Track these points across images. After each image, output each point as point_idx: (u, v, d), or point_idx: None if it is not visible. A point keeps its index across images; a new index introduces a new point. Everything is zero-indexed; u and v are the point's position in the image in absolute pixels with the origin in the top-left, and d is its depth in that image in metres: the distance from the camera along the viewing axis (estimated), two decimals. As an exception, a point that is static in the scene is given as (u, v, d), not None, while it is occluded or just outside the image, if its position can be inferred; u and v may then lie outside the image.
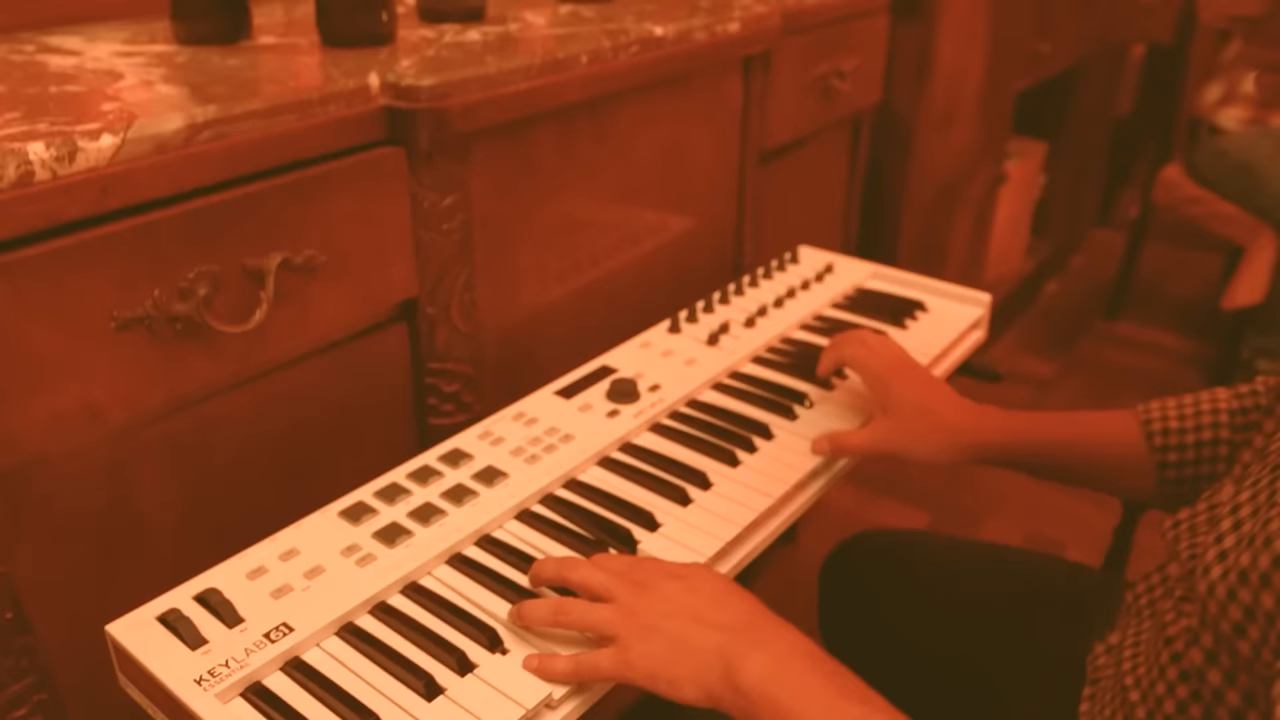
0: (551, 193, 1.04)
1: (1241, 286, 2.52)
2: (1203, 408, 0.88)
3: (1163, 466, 0.88)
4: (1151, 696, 0.67)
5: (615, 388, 0.96)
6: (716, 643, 0.64)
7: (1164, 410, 0.89)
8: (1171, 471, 0.88)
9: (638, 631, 0.65)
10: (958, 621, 0.99)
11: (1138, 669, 0.71)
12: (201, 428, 0.82)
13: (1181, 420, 0.88)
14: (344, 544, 0.76)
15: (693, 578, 0.69)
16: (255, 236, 0.78)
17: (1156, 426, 0.89)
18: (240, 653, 0.66)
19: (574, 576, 0.70)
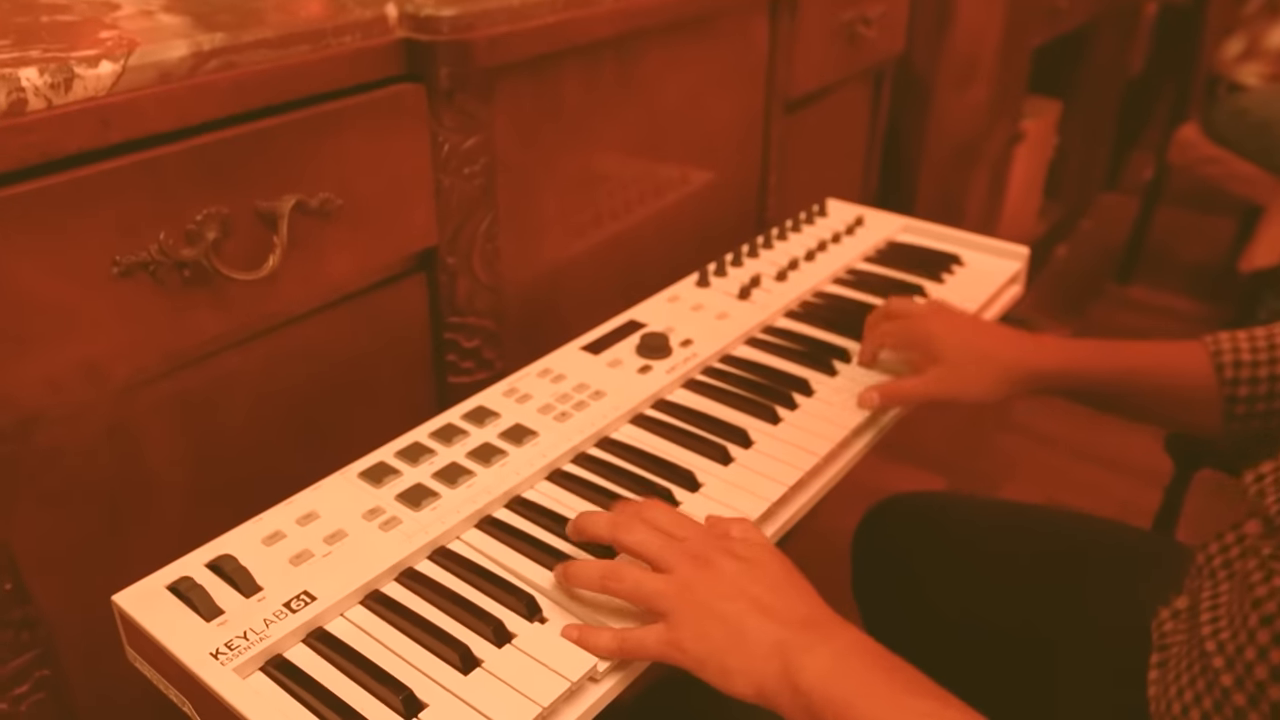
0: (575, 138, 0.98)
1: (1260, 248, 2.47)
2: (1276, 341, 0.83)
3: (1231, 401, 0.83)
4: (1239, 662, 0.62)
5: (646, 342, 0.91)
6: (776, 636, 0.59)
7: (1234, 342, 0.84)
8: (1241, 407, 0.83)
9: (693, 611, 0.60)
10: (1005, 586, 0.94)
11: (1220, 634, 0.66)
12: (211, 385, 0.76)
13: (1254, 353, 0.83)
14: (366, 507, 0.71)
15: (755, 560, 0.64)
16: (267, 177, 0.72)
17: (1227, 359, 0.84)
18: (259, 623, 0.61)
19: (629, 539, 0.64)
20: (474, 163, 0.86)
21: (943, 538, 1.01)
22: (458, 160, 0.84)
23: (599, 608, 0.64)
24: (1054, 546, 0.96)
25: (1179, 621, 0.75)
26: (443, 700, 0.58)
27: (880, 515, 1.09)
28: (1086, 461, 2.18)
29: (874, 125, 1.65)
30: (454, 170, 0.85)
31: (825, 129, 1.48)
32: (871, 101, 1.62)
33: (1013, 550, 0.96)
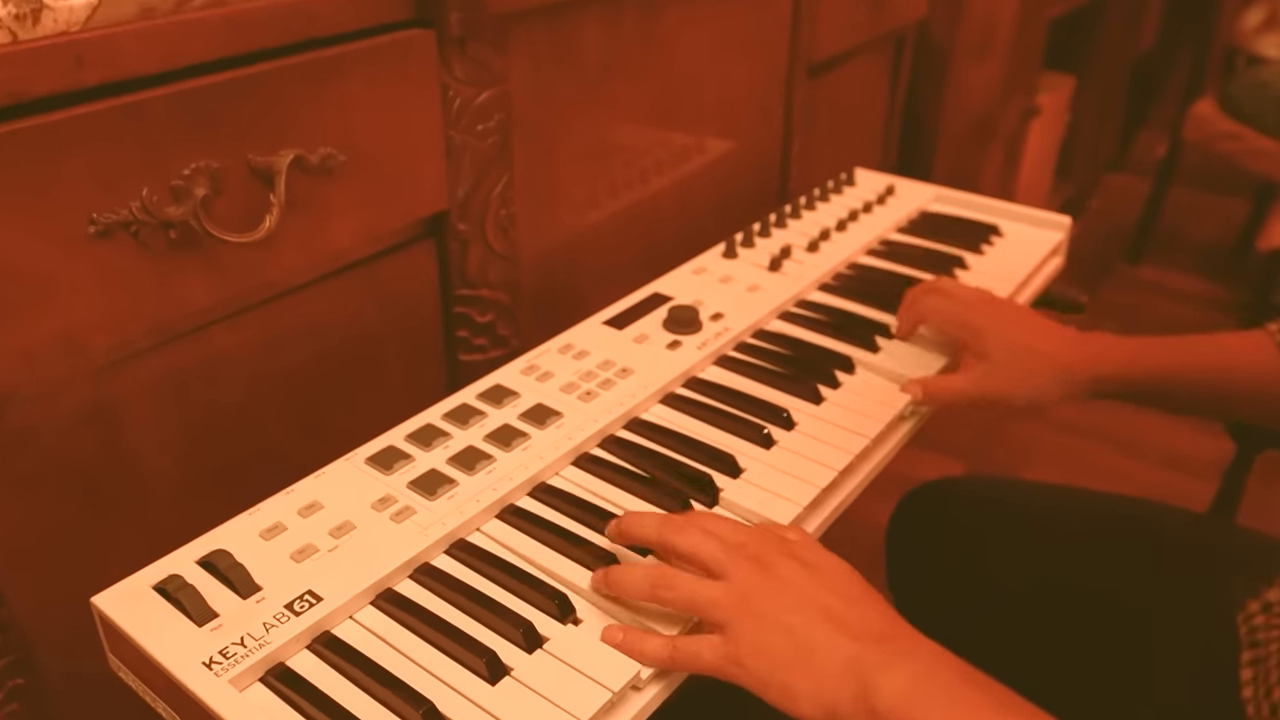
0: (594, 96, 0.91)
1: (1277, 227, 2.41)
2: None
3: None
4: None
5: (674, 316, 0.84)
6: (849, 652, 0.52)
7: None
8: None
9: (754, 623, 0.53)
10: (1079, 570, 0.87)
11: None
12: (203, 362, 0.69)
13: None
14: (375, 496, 0.64)
15: (821, 566, 0.57)
16: (262, 128, 0.65)
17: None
18: (258, 628, 0.54)
19: (682, 542, 0.57)
20: (488, 119, 0.78)
21: (1001, 523, 0.94)
22: (470, 116, 0.77)
23: (640, 610, 0.57)
24: (1121, 528, 0.89)
25: (1271, 615, 0.68)
26: (469, 714, 0.51)
27: (918, 503, 1.02)
28: (1107, 446, 2.12)
29: (894, 95, 1.58)
30: (466, 127, 0.77)
31: (846, 97, 1.41)
32: (892, 70, 1.55)
33: (1080, 533, 0.90)
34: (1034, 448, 2.10)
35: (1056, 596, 0.86)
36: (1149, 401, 0.83)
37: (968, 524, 0.96)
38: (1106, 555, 0.87)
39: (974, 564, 0.93)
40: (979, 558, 0.93)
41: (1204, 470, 2.09)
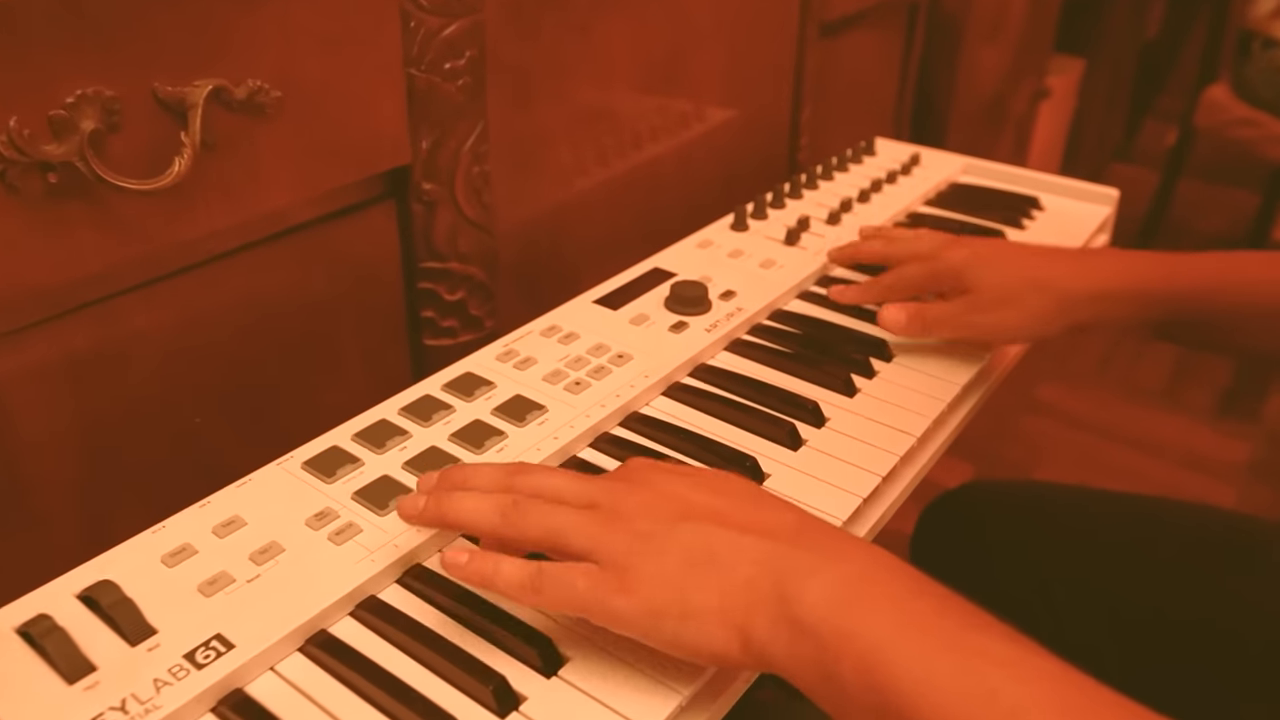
0: (584, 37, 0.78)
1: (1299, 216, 2.31)
2: None
3: None
4: None
5: (678, 294, 0.71)
6: (761, 552, 0.40)
7: None
8: None
9: (631, 540, 0.42)
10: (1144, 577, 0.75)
11: None
12: (107, 341, 0.56)
13: None
14: (312, 510, 0.51)
15: (709, 473, 0.46)
16: (174, 50, 0.52)
17: None
18: (147, 686, 0.41)
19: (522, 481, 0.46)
20: (457, 56, 0.65)
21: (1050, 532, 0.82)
22: (436, 51, 0.64)
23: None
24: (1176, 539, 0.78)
25: None
26: (420, 807, 0.38)
27: (945, 513, 0.90)
28: (1119, 443, 2.01)
29: (905, 69, 1.45)
30: (431, 65, 0.64)
31: (857, 67, 1.29)
32: (905, 42, 1.43)
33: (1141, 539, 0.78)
34: (1044, 445, 1.99)
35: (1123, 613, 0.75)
36: (1166, 331, 0.70)
37: (1009, 536, 0.84)
38: (1178, 570, 0.75)
39: (1020, 577, 0.81)
40: (1026, 570, 0.81)
41: (1225, 471, 1.99)
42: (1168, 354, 2.24)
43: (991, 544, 0.85)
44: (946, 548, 0.88)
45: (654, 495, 0.44)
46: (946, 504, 0.90)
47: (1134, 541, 0.79)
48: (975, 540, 0.86)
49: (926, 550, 0.89)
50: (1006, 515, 0.86)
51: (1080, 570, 0.78)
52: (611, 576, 0.41)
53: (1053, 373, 2.19)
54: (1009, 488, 0.90)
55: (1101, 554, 0.78)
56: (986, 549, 0.85)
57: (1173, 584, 0.75)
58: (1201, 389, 2.17)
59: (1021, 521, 0.84)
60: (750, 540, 0.41)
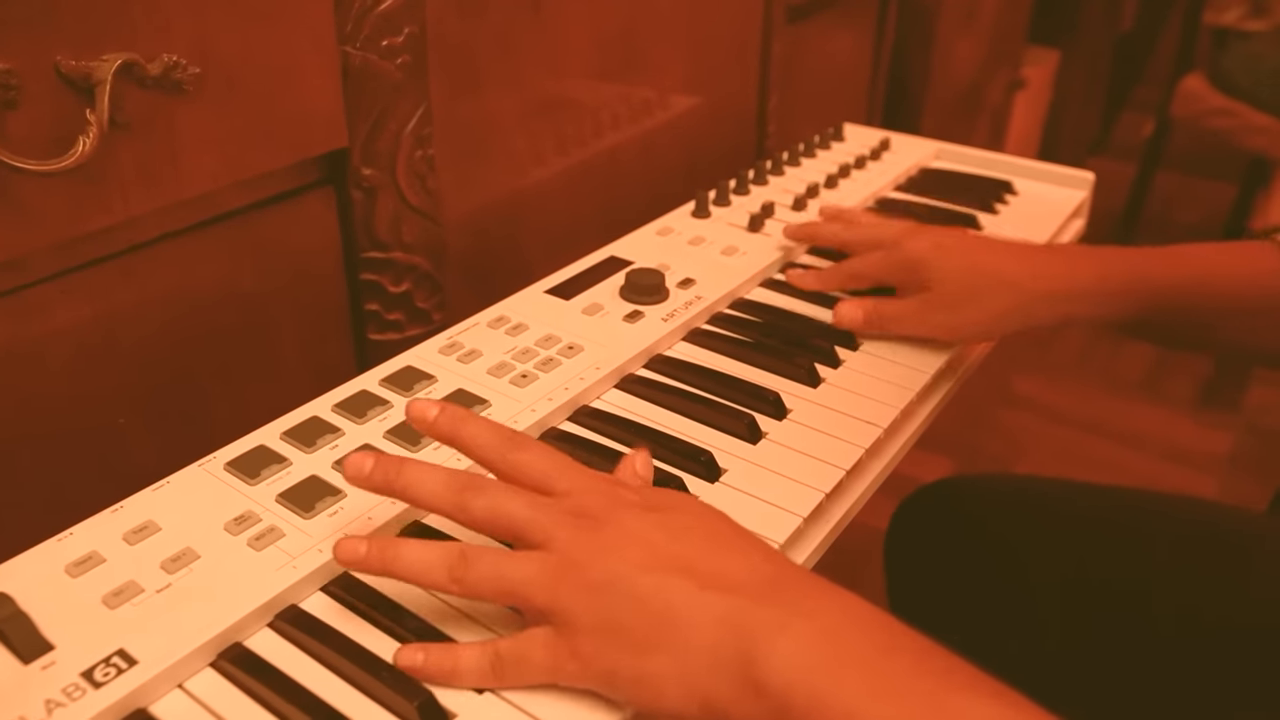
0: (535, 16, 0.75)
1: (1275, 204, 2.29)
2: None
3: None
4: None
5: (633, 283, 0.68)
6: (721, 611, 0.37)
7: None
8: None
9: (586, 598, 0.39)
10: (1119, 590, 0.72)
11: None
12: (16, 335, 0.52)
13: None
14: (232, 513, 0.47)
15: (674, 508, 0.43)
16: (78, 21, 0.48)
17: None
18: (37, 708, 0.38)
19: (480, 507, 0.42)
20: (395, 33, 0.62)
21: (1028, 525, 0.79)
22: (372, 27, 0.61)
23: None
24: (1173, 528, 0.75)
25: None
26: (331, 839, 0.35)
27: (921, 508, 0.87)
28: (1100, 436, 1.99)
29: (878, 56, 1.43)
30: (368, 41, 0.61)
31: (828, 54, 1.26)
32: (876, 29, 1.40)
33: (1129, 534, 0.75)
34: (1023, 438, 1.97)
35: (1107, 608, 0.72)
36: (1135, 329, 0.68)
37: (985, 531, 0.81)
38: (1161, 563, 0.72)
39: (998, 572, 0.78)
40: (1004, 564, 0.78)
41: (1205, 463, 1.97)
42: (1148, 346, 2.23)
43: (968, 539, 0.82)
44: (922, 544, 0.85)
45: (616, 538, 0.40)
46: (922, 499, 0.87)
47: (1114, 533, 0.76)
48: (952, 535, 0.83)
49: (901, 547, 0.86)
50: (984, 509, 0.83)
51: (1059, 563, 0.75)
52: (566, 642, 0.39)
53: (1032, 365, 2.17)
54: (986, 481, 0.87)
55: (1080, 546, 0.76)
56: (963, 544, 0.82)
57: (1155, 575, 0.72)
58: (1182, 381, 2.16)
59: (999, 515, 0.81)
60: (713, 597, 0.38)
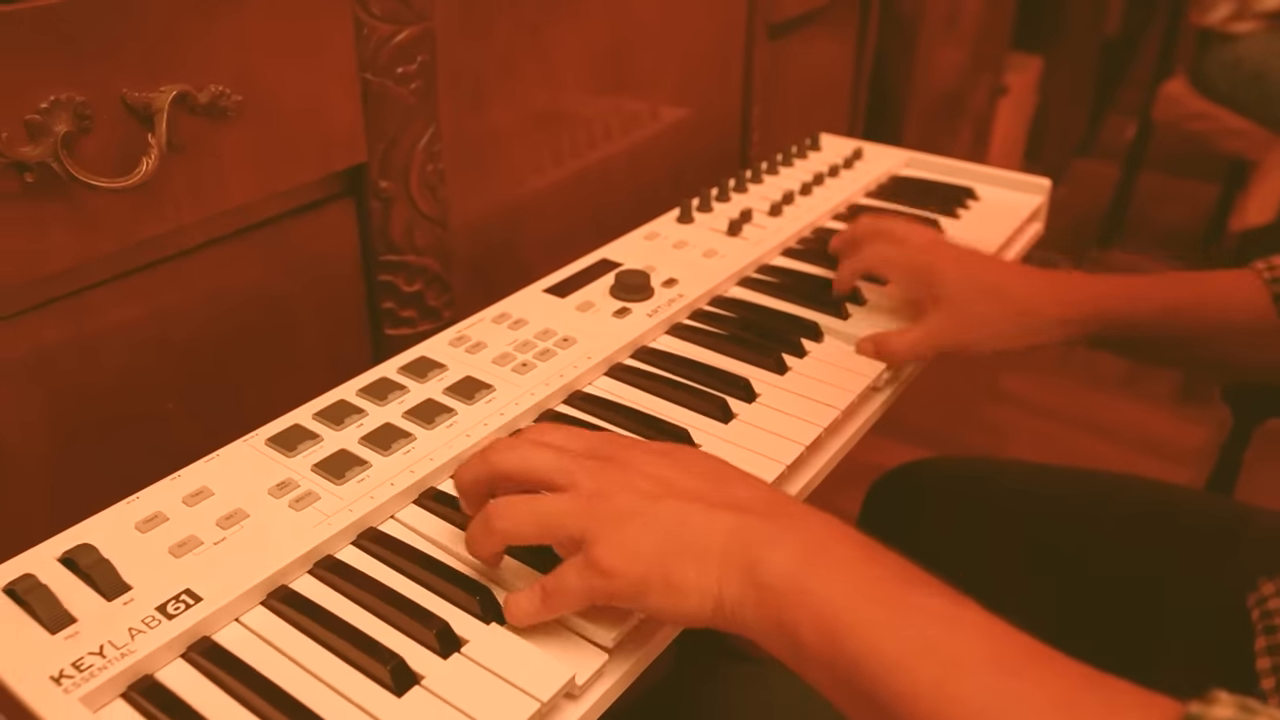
0: (532, 43, 0.83)
1: (1253, 205, 2.36)
2: None
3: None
4: None
5: (622, 282, 0.76)
6: (730, 525, 0.45)
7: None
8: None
9: (614, 523, 0.46)
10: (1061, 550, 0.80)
11: None
12: (77, 332, 0.60)
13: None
14: (274, 480, 0.55)
15: (680, 451, 0.51)
16: (140, 58, 0.56)
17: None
18: (122, 634, 0.45)
19: (510, 460, 0.50)
20: (409, 61, 0.70)
21: (985, 504, 0.87)
22: (388, 57, 0.69)
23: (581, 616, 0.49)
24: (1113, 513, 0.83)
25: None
26: (366, 733, 0.43)
27: (892, 489, 0.95)
28: (1082, 430, 2.06)
29: (859, 65, 1.50)
30: (384, 69, 0.69)
31: (809, 65, 1.33)
32: (857, 39, 1.48)
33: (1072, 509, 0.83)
34: (1007, 432, 2.04)
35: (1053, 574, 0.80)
36: (1125, 349, 0.76)
37: (949, 507, 0.89)
38: (1103, 531, 0.80)
39: (960, 548, 0.86)
40: (964, 541, 0.86)
41: (1182, 456, 2.04)
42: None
43: (934, 513, 0.89)
44: (891, 519, 0.92)
45: (634, 474, 0.48)
46: (892, 480, 0.95)
47: (1062, 507, 0.84)
48: (919, 511, 0.91)
49: (873, 522, 0.94)
50: (949, 487, 0.91)
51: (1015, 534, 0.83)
52: (597, 561, 0.45)
53: (1016, 363, 2.24)
54: (951, 463, 0.94)
55: (1033, 519, 0.83)
56: (930, 518, 0.90)
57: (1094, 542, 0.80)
58: (1161, 378, 2.23)
59: (962, 493, 0.89)
60: (722, 515, 0.45)
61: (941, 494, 0.91)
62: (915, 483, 0.93)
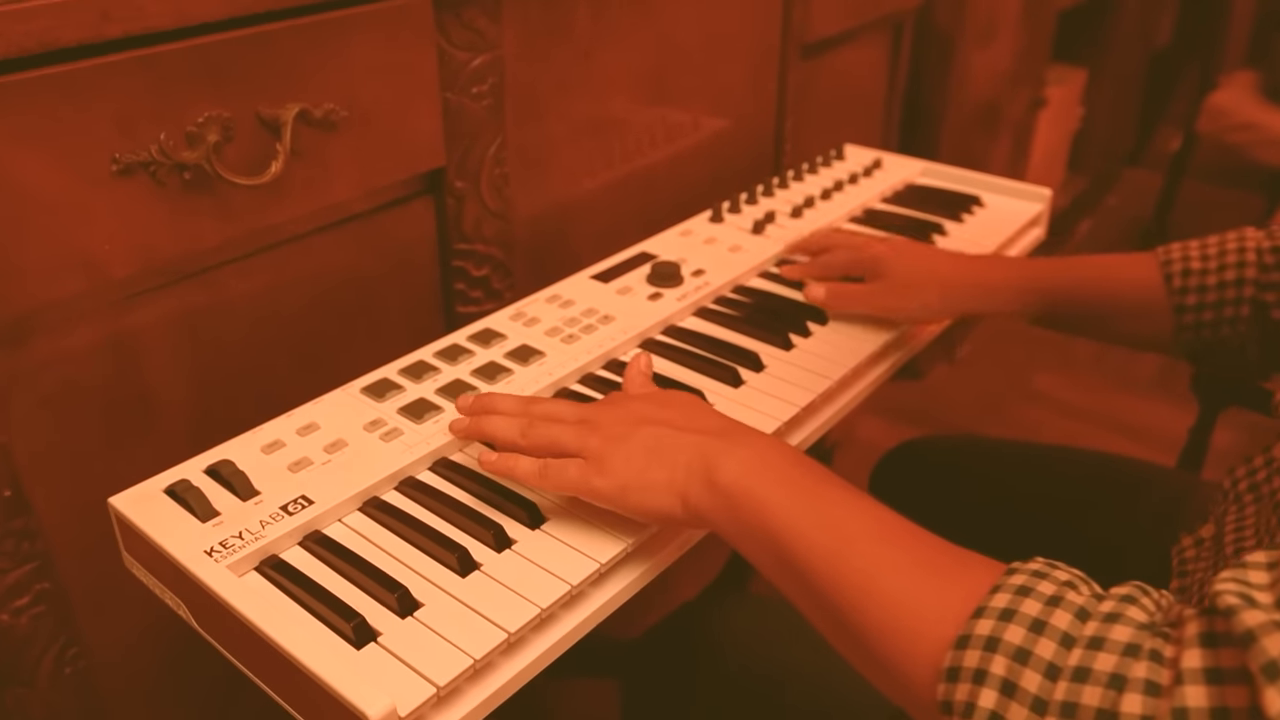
0: (586, 66, 0.96)
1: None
2: (1228, 246, 0.81)
3: (1180, 310, 0.82)
4: None
5: (657, 271, 0.89)
6: (695, 444, 0.59)
7: (1185, 251, 0.83)
8: (1189, 316, 0.82)
9: (611, 441, 0.61)
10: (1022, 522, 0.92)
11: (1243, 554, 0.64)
12: (214, 299, 0.75)
13: (1204, 260, 0.81)
14: (368, 419, 0.70)
15: (666, 395, 0.66)
16: (270, 83, 0.71)
17: (1176, 268, 0.83)
18: (255, 525, 0.60)
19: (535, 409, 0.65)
20: (482, 82, 0.84)
21: (972, 476, 0.99)
22: (466, 79, 0.83)
23: (597, 518, 0.62)
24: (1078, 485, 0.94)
25: (1202, 549, 0.73)
26: (439, 600, 0.57)
27: (896, 462, 1.07)
28: (1112, 432, 2.15)
29: (893, 78, 1.62)
30: (462, 89, 0.83)
31: (844, 79, 1.46)
32: (891, 53, 1.60)
33: (1032, 488, 0.94)
34: (1037, 430, 2.13)
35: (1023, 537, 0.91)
36: (1041, 319, 0.88)
37: (944, 478, 1.01)
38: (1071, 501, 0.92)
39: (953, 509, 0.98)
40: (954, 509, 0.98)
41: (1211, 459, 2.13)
42: (1160, 347, 2.38)
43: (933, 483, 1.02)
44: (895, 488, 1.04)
45: (623, 410, 0.63)
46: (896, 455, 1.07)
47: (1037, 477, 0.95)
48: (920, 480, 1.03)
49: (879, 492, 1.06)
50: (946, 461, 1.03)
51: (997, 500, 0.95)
52: (593, 465, 0.60)
53: (1051, 364, 2.33)
54: (949, 439, 1.06)
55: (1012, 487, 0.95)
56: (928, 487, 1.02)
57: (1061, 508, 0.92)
58: (1189, 380, 2.30)
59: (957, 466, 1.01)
60: (688, 436, 0.59)
61: (940, 465, 1.03)
62: (916, 456, 1.06)
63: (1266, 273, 0.78)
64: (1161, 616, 0.43)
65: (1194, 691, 0.38)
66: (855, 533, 0.52)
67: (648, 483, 0.59)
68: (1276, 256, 0.78)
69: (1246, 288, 0.79)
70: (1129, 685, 0.39)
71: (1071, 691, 0.41)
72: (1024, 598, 0.44)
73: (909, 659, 0.47)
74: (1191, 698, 0.38)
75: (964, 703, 0.43)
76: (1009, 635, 0.43)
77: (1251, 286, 0.79)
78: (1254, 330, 0.79)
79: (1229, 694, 0.37)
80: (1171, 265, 0.82)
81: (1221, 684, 0.38)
